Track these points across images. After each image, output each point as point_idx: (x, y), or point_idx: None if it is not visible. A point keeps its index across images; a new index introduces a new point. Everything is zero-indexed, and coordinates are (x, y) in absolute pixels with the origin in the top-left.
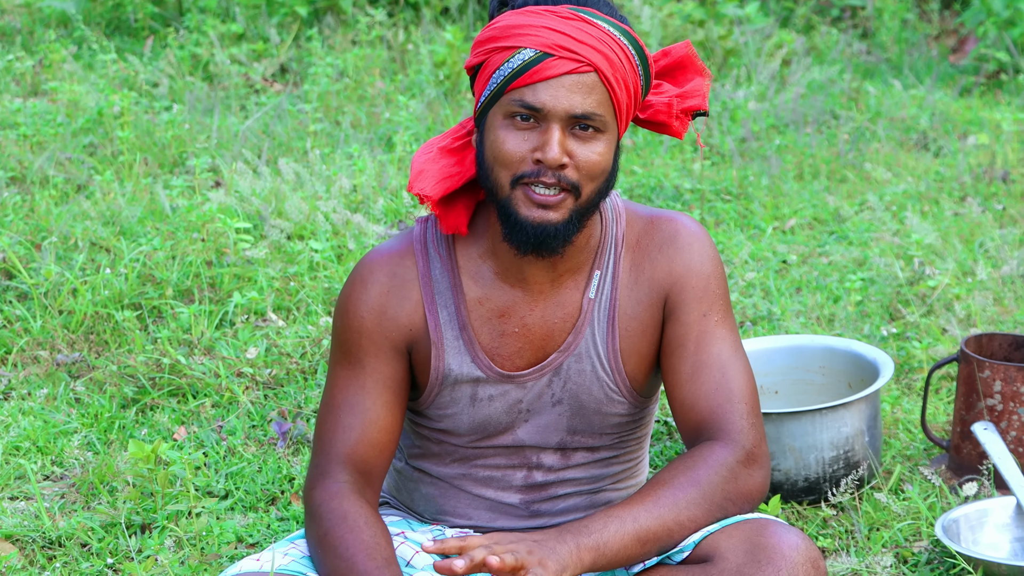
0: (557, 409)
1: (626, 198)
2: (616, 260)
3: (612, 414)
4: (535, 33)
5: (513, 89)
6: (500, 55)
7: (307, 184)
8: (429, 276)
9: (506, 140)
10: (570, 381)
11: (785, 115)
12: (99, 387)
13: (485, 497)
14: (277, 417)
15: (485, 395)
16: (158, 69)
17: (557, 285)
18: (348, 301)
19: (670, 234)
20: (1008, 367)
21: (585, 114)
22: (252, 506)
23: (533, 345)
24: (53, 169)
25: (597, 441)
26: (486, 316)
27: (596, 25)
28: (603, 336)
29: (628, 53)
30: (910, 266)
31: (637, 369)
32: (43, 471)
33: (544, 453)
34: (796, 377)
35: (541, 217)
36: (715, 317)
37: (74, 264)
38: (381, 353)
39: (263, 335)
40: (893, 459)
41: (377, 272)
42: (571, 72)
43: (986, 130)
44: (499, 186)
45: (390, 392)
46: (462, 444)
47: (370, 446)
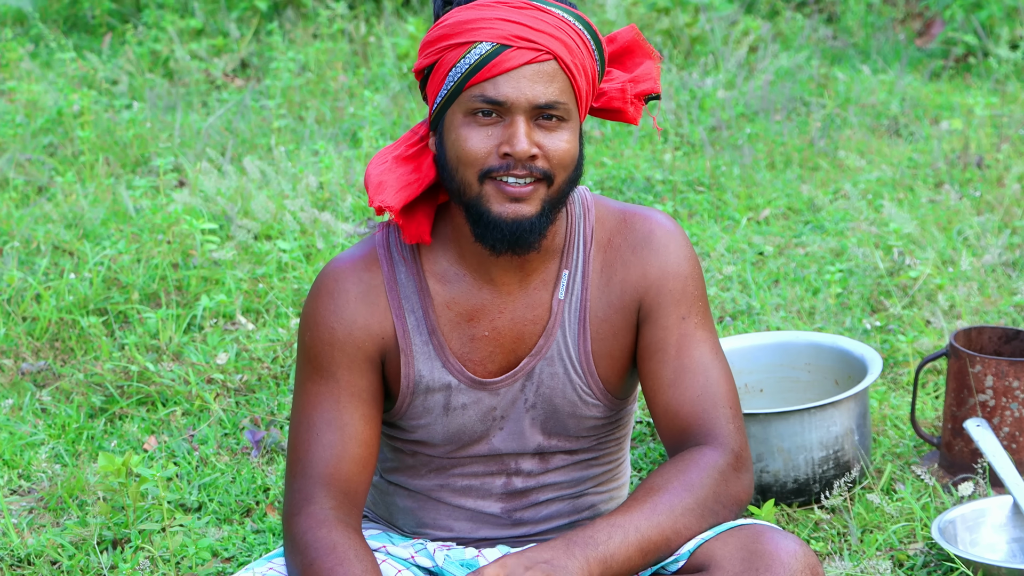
0: (531, 414)
1: (597, 192)
2: (586, 259)
3: (587, 416)
4: (489, 26)
5: (472, 85)
6: (454, 52)
7: (273, 182)
8: (395, 281)
9: (469, 138)
10: (543, 385)
11: (754, 103)
12: (66, 396)
13: (465, 507)
14: (250, 425)
15: (458, 403)
16: (117, 66)
17: (525, 285)
18: (316, 313)
19: (644, 233)
20: (1000, 361)
21: (549, 103)
22: (227, 518)
23: (504, 348)
24: (13, 171)
25: (575, 444)
26: (455, 320)
27: (551, 12)
28: (574, 338)
29: (584, 38)
30: (889, 256)
31: (610, 371)
32: (10, 485)
33: (522, 459)
34: (781, 375)
35: (514, 212)
36: (695, 320)
37: (37, 269)
38: (355, 365)
39: (232, 339)
40: (883, 457)
41: (343, 281)
42: (531, 62)
43: (958, 115)
44: (466, 185)
45: (367, 405)
46: (437, 455)
47: (352, 463)
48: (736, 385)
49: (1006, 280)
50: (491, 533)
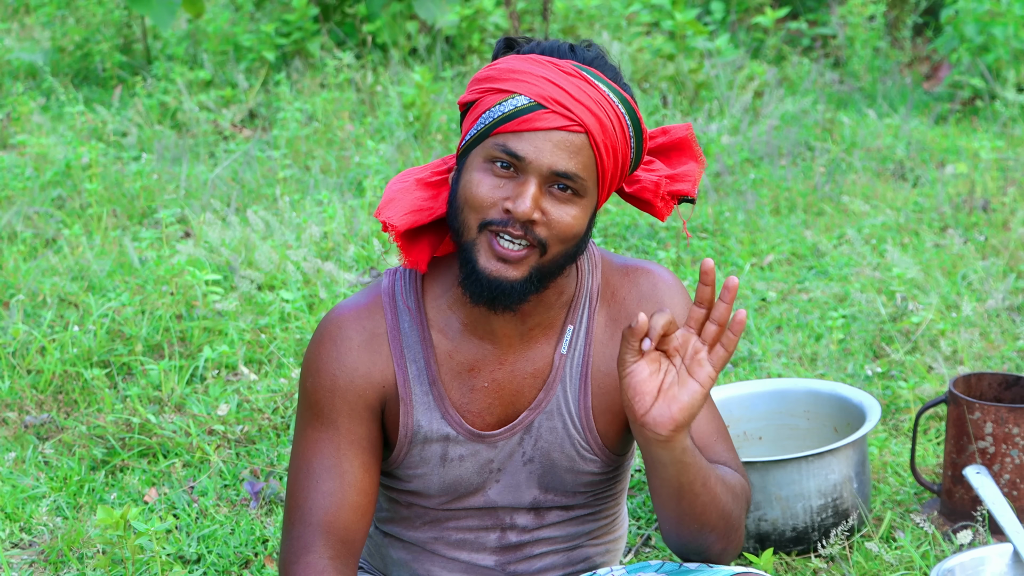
0: (528, 468)
1: (600, 242)
2: (591, 314)
3: (585, 472)
4: (532, 81)
5: (499, 133)
6: (494, 96)
7: (277, 232)
8: (398, 330)
9: (481, 183)
10: (541, 439)
11: (759, 148)
12: (68, 449)
13: (459, 560)
14: (249, 476)
15: (455, 455)
16: (126, 119)
17: (527, 339)
18: (318, 359)
19: (648, 287)
20: (999, 408)
21: (567, 173)
22: (225, 570)
23: (503, 401)
24: (21, 224)
25: (571, 500)
26: (455, 371)
27: (595, 86)
28: (575, 393)
29: (624, 122)
30: (892, 301)
31: (609, 427)
32: (11, 538)
33: (517, 513)
34: (780, 422)
35: (498, 271)
36: None
37: (42, 321)
38: (355, 413)
39: (234, 390)
40: (883, 505)
41: (346, 328)
42: (561, 128)
43: (963, 158)
44: (466, 227)
45: (366, 453)
46: (432, 506)
47: (351, 511)
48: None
49: (1010, 325)
50: None
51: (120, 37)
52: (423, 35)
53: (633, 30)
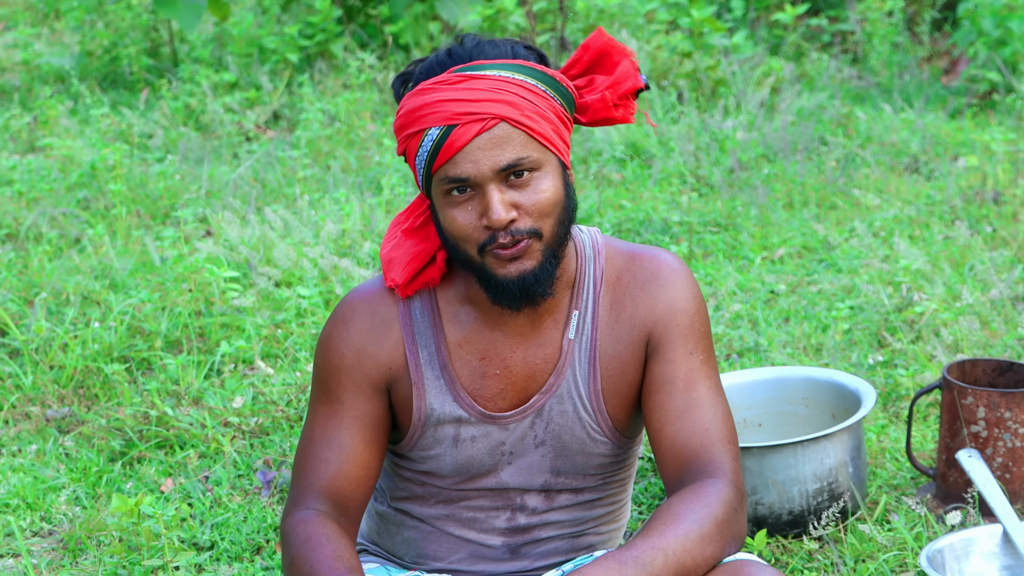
0: (540, 451)
1: (608, 235)
2: (596, 299)
3: (595, 454)
4: (433, 110)
5: (437, 169)
6: (414, 140)
7: (295, 230)
8: (409, 316)
9: (455, 217)
10: (552, 422)
11: (774, 143)
12: (88, 441)
13: (467, 539)
14: (262, 466)
15: (467, 436)
16: (152, 121)
17: (537, 326)
18: (329, 339)
19: (652, 271)
20: (991, 393)
21: (510, 164)
22: (237, 556)
23: (515, 386)
24: (47, 225)
25: (581, 483)
26: (467, 358)
27: (486, 77)
28: (584, 377)
29: (529, 87)
30: (898, 292)
31: (619, 409)
32: (32, 527)
33: (528, 495)
34: (780, 409)
35: (518, 270)
36: (700, 356)
37: (65, 319)
38: (360, 390)
39: (250, 383)
40: (879, 489)
41: (358, 311)
42: (479, 132)
43: (976, 152)
44: (470, 257)
45: (368, 429)
46: (446, 486)
47: (347, 479)
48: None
49: (1013, 314)
50: (488, 568)
51: (147, 41)
52: (445, 35)
53: (653, 28)
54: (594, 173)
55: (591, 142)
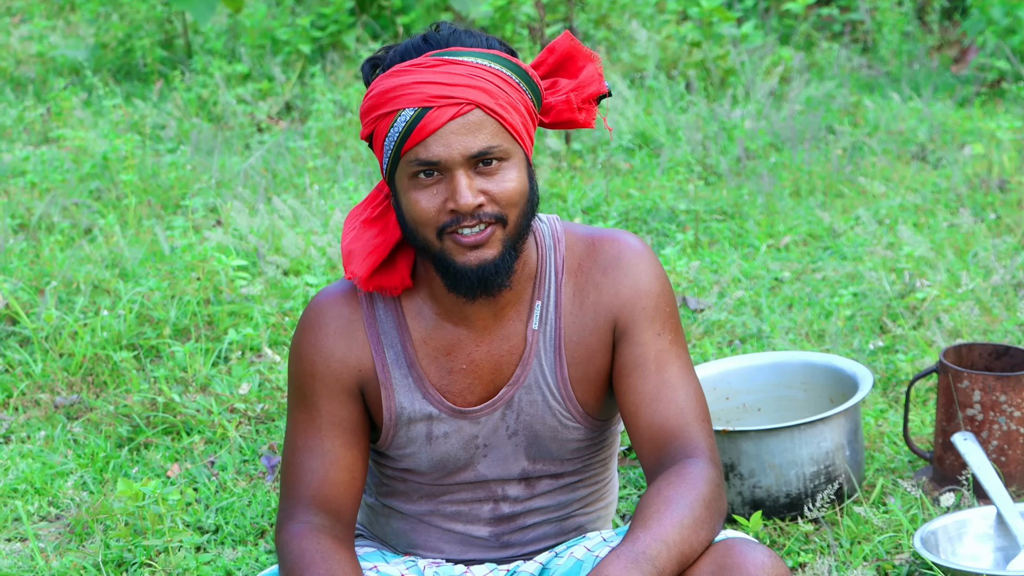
0: (514, 440)
1: (621, 225)
2: (558, 288)
3: (570, 440)
4: (408, 92)
5: (407, 151)
6: (384, 122)
7: (304, 220)
8: (374, 317)
9: (418, 200)
10: (523, 413)
11: (782, 132)
12: (96, 428)
13: (455, 531)
14: (267, 451)
15: (440, 432)
16: (165, 112)
17: (500, 318)
18: (299, 346)
19: (614, 255)
20: (987, 377)
21: (482, 151)
22: (242, 540)
23: (483, 380)
24: (59, 215)
25: (559, 467)
26: (432, 354)
27: (463, 63)
28: (551, 365)
29: (504, 77)
30: (901, 279)
31: (588, 394)
32: (39, 512)
33: (508, 485)
34: (779, 394)
35: (478, 258)
36: (669, 336)
37: (75, 307)
38: (334, 395)
39: (256, 370)
40: (877, 472)
41: (324, 315)
42: (454, 117)
43: (983, 140)
44: (428, 243)
45: (348, 433)
46: (426, 482)
47: (334, 486)
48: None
49: (1014, 300)
50: (480, 555)
51: (161, 33)
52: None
53: (663, 18)
54: (602, 162)
55: (600, 131)
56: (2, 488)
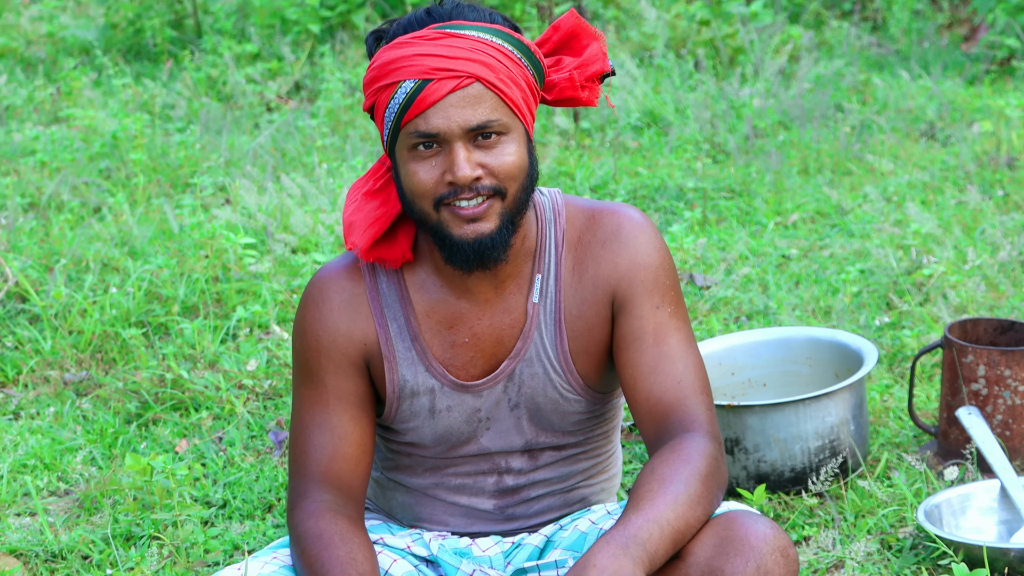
0: (516, 413)
1: (629, 200)
2: (558, 261)
3: (571, 412)
4: (410, 64)
5: (407, 122)
6: (385, 93)
7: (312, 198)
8: (377, 290)
9: (417, 172)
10: (524, 385)
11: (791, 111)
12: (104, 404)
13: (460, 504)
14: (275, 427)
15: (443, 406)
16: (174, 92)
17: (501, 292)
18: (303, 322)
19: (613, 228)
20: (991, 351)
21: (481, 124)
22: (249, 514)
23: (484, 353)
24: (68, 194)
25: (562, 439)
26: (435, 327)
27: (465, 36)
28: (551, 338)
29: (506, 52)
30: (908, 256)
31: (588, 367)
32: (49, 487)
33: (512, 457)
34: (784, 369)
35: (474, 231)
36: (668, 308)
37: (84, 285)
38: (340, 370)
39: (264, 347)
40: (882, 447)
41: (327, 290)
42: (454, 89)
43: (991, 117)
44: (425, 214)
45: (355, 407)
46: (430, 455)
47: (344, 461)
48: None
49: (1021, 276)
50: (485, 528)
51: (171, 13)
52: None
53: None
54: (610, 140)
55: (607, 109)
56: (12, 463)
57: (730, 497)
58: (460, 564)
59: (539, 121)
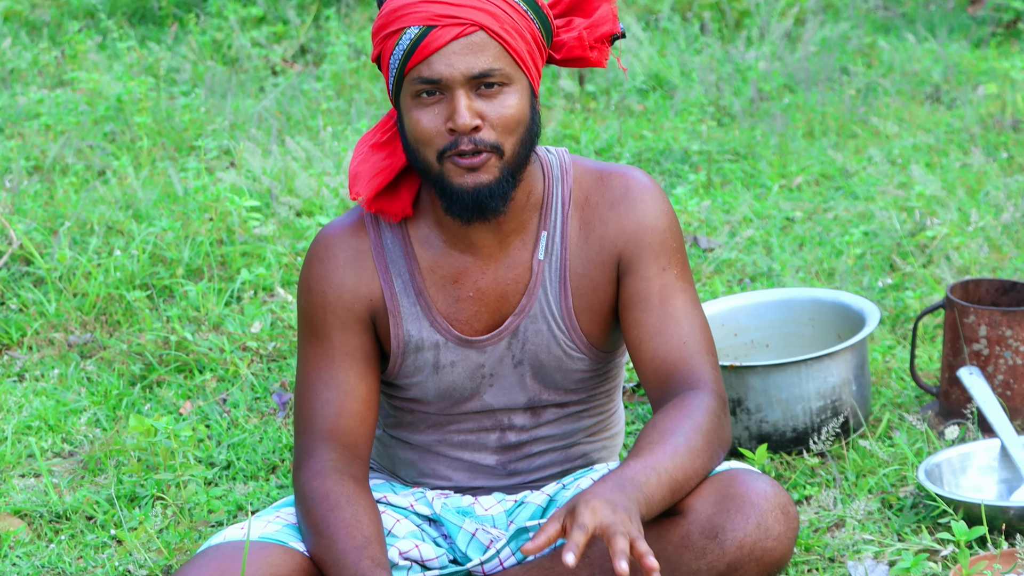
0: (519, 370)
1: (634, 163)
2: (564, 219)
3: (574, 370)
4: (414, 10)
5: (410, 69)
6: (391, 40)
7: (317, 161)
8: (381, 246)
9: (420, 119)
10: (528, 342)
11: (796, 74)
12: (109, 366)
13: (462, 459)
14: (279, 388)
15: (447, 361)
16: (179, 55)
17: (505, 247)
18: (308, 279)
19: (621, 190)
20: (993, 312)
21: (483, 72)
22: (253, 475)
23: (489, 308)
24: (73, 157)
25: (564, 397)
26: (440, 282)
27: None
28: (556, 296)
29: (512, 3)
30: (911, 218)
31: (592, 326)
32: (53, 448)
33: (514, 414)
34: (786, 330)
35: (474, 181)
36: (675, 271)
37: (88, 248)
38: (346, 326)
39: (269, 309)
40: (883, 408)
41: (332, 247)
42: (458, 36)
43: (996, 80)
44: (428, 164)
45: (361, 363)
46: (433, 411)
47: (350, 418)
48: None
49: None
50: (487, 482)
51: None
52: None
53: None
54: (615, 104)
55: (613, 71)
56: (16, 425)
57: (732, 457)
58: (463, 523)
59: (544, 84)
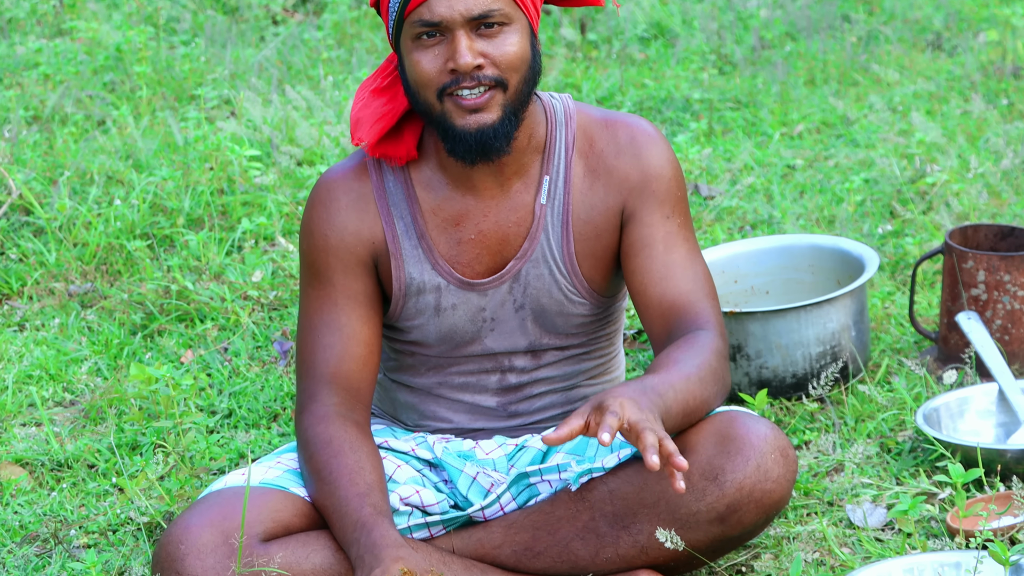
0: (520, 314)
1: (636, 112)
2: (567, 165)
3: (575, 314)
4: None
5: (410, 12)
6: None
7: (318, 111)
8: (383, 189)
9: (420, 61)
10: (529, 286)
11: (798, 22)
12: (110, 315)
13: (463, 401)
14: (280, 337)
15: (448, 304)
16: (179, 4)
17: (507, 189)
18: (311, 223)
19: (627, 139)
20: (991, 257)
21: (483, 12)
22: (255, 423)
23: (490, 251)
24: (72, 106)
25: (565, 341)
26: (441, 225)
27: None
28: (558, 241)
29: None
30: (912, 165)
31: (594, 271)
32: (54, 397)
33: (515, 357)
34: (786, 276)
35: (476, 122)
36: (678, 219)
37: (88, 198)
38: (348, 269)
39: (269, 259)
40: (882, 353)
41: (335, 191)
42: None
43: (997, 27)
44: (429, 105)
45: (363, 307)
46: (434, 354)
47: (353, 361)
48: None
49: (1023, 183)
50: (488, 424)
51: None
52: None
53: None
54: (617, 52)
55: (614, 20)
56: (17, 374)
57: (732, 402)
58: (464, 467)
59: (546, 32)
